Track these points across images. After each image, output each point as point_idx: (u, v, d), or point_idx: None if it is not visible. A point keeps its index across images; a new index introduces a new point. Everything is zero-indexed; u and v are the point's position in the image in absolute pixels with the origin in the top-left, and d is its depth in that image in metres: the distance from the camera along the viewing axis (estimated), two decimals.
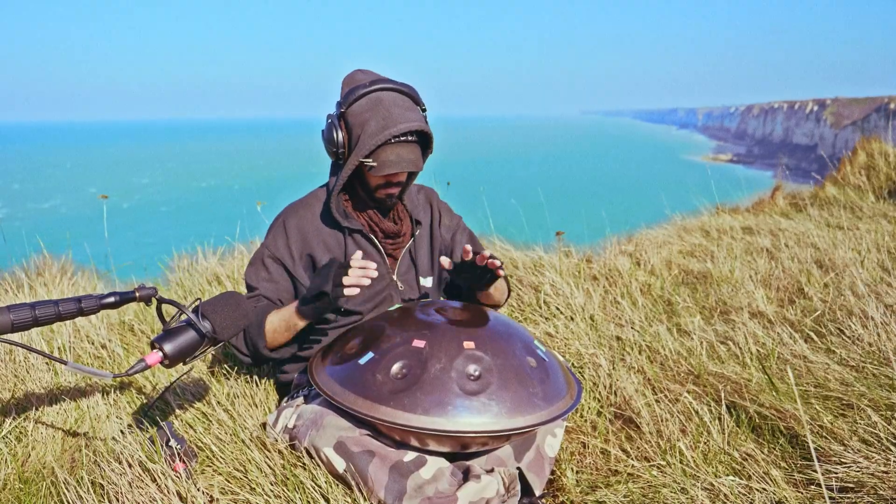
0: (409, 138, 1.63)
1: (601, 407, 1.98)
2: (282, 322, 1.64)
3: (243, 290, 2.97)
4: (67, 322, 2.28)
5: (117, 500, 1.36)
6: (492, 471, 1.42)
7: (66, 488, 1.40)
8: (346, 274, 1.50)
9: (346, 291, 1.50)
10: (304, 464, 1.48)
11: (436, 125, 1.70)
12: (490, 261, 1.58)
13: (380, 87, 1.63)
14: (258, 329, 1.64)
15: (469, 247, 1.58)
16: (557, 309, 2.70)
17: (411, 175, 1.79)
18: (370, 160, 1.61)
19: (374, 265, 1.52)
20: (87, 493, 1.37)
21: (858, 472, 1.55)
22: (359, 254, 1.54)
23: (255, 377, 1.96)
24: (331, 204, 1.70)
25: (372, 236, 1.77)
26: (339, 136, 1.64)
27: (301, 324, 1.61)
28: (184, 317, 1.31)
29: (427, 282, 1.87)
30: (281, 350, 1.70)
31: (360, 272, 1.50)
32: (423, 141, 1.70)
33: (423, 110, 1.69)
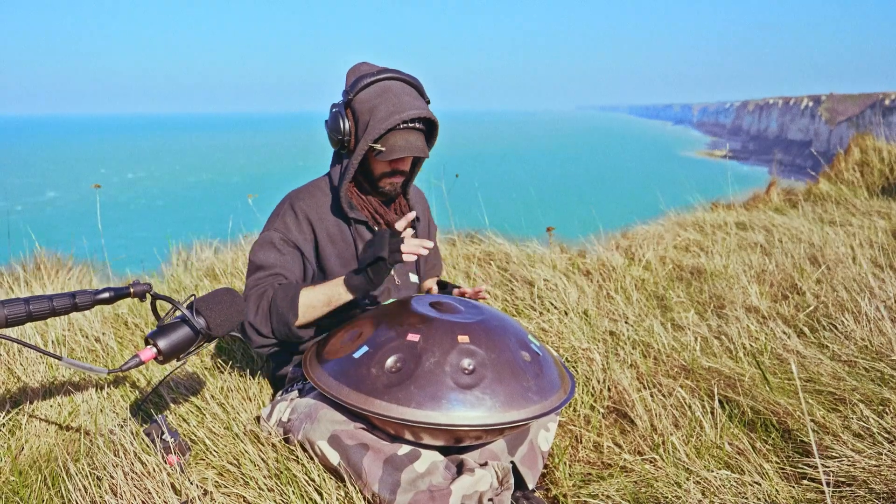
0: (417, 125, 1.65)
1: (594, 401, 1.99)
2: (322, 296, 1.59)
3: (239, 284, 2.96)
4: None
5: (114, 491, 1.36)
6: (485, 464, 1.43)
7: (69, 477, 1.40)
8: (402, 242, 1.53)
9: (405, 257, 1.52)
10: (297, 457, 1.48)
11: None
12: (482, 295, 1.78)
13: (387, 77, 1.64)
14: (290, 303, 1.58)
15: (483, 291, 1.77)
16: (551, 304, 2.71)
17: (415, 166, 1.80)
18: (378, 145, 1.62)
19: (430, 242, 1.57)
20: (89, 485, 1.38)
21: (850, 465, 1.56)
22: (404, 220, 1.62)
23: (249, 371, 1.97)
24: (340, 193, 1.70)
25: (376, 228, 1.77)
26: (346, 124, 1.65)
27: (347, 297, 1.59)
28: (178, 313, 1.31)
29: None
30: (306, 329, 1.65)
31: (418, 241, 1.54)
32: (429, 131, 1.71)
33: (427, 102, 1.70)
